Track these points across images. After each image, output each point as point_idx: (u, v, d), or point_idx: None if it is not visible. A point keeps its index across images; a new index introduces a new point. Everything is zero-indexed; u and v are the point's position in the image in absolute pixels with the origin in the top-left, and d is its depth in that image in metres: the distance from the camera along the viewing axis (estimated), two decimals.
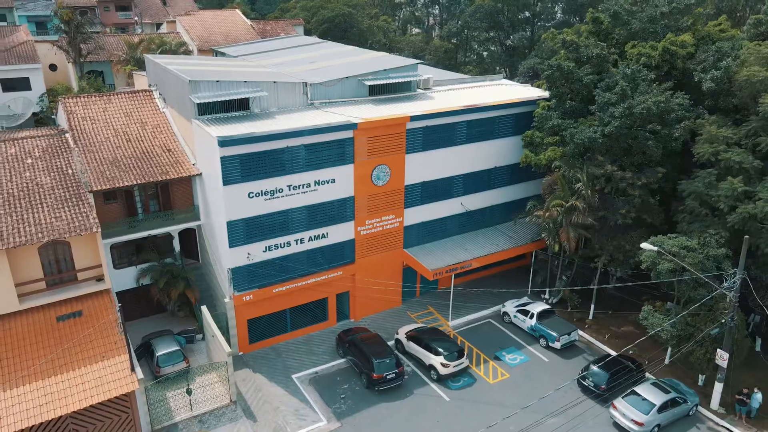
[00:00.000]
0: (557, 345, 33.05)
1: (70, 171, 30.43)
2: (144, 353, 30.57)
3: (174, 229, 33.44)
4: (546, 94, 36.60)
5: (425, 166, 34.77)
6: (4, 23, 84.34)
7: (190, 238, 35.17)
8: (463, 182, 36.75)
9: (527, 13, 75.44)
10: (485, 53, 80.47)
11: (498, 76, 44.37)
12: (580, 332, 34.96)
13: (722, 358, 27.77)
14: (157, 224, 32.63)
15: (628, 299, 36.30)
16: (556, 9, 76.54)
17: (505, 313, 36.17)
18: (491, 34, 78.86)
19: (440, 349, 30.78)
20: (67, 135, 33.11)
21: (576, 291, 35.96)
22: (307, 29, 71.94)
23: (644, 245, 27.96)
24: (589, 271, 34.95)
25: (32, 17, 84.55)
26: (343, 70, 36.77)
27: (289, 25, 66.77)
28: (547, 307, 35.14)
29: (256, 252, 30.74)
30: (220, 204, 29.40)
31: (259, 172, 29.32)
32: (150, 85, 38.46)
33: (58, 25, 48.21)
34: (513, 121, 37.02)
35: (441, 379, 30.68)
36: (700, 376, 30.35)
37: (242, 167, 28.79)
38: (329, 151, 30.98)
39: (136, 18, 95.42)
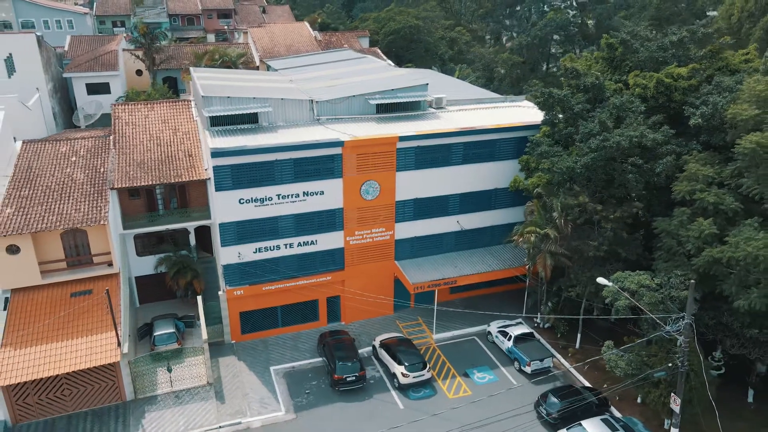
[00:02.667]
0: (528, 369, 33.39)
1: (102, 170, 35.62)
2: (147, 332, 35.05)
3: (189, 225, 37.68)
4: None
5: (418, 183, 36.32)
6: (123, 29, 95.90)
7: (206, 234, 39.43)
8: (460, 201, 37.82)
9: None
10: (554, 68, 79.15)
11: (521, 98, 44.51)
12: (563, 360, 34.95)
13: (675, 402, 27.04)
14: (173, 220, 37.05)
15: (618, 331, 35.57)
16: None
17: (489, 333, 36.88)
18: (562, 48, 77.47)
19: (403, 360, 32.42)
20: (110, 137, 38.52)
21: (565, 319, 35.86)
22: (374, 41, 74.96)
23: (600, 279, 27.88)
24: (578, 300, 34.79)
25: (145, 24, 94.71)
26: (352, 89, 39.22)
27: (353, 37, 70.16)
28: (526, 330, 35.47)
29: (247, 252, 34.11)
30: (215, 207, 33.08)
31: (249, 181, 32.63)
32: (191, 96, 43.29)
33: (136, 38, 54.93)
34: (514, 144, 37.47)
35: (402, 388, 32.33)
36: (666, 419, 29.55)
37: (233, 176, 32.24)
38: (318, 165, 33.63)
39: (234, 25, 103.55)
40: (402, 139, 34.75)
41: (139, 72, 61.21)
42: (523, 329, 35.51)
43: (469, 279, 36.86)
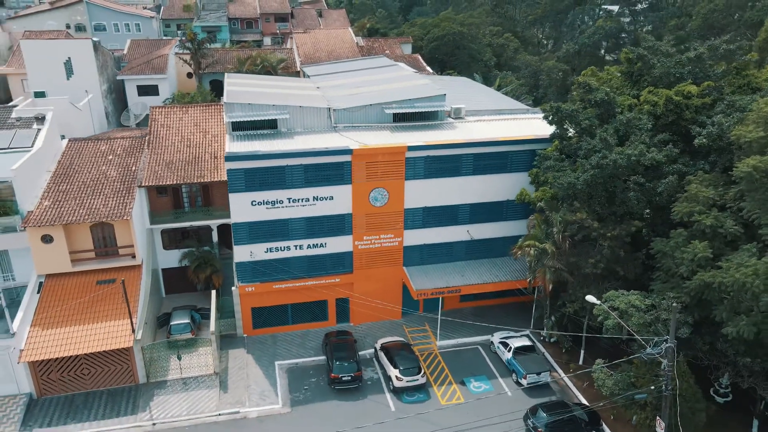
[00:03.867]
0: (524, 382, 33.53)
1: (133, 168, 38.47)
2: (166, 321, 37.58)
3: (212, 223, 40.04)
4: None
5: (428, 192, 37.06)
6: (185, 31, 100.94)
7: (228, 232, 41.57)
8: (470, 211, 38.27)
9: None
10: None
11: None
12: (563, 375, 34.86)
13: (660, 426, 26.68)
14: (197, 217, 39.53)
15: (624, 349, 35.04)
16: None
17: (492, 343, 37.18)
18: (612, 57, 75.66)
19: (399, 363, 33.35)
20: (146, 138, 41.43)
21: (568, 334, 35.70)
22: (418, 47, 75.82)
23: (588, 297, 27.86)
24: (574, 317, 34.60)
25: (205, 27, 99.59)
26: (371, 97, 40.41)
27: (396, 43, 71.33)
28: (527, 343, 35.56)
29: (259, 251, 35.97)
30: (230, 208, 35.15)
31: (261, 184, 34.44)
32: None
33: (184, 42, 58.29)
34: (526, 157, 37.52)
35: (397, 391, 33.25)
36: None
37: (246, 179, 34.14)
38: (327, 171, 35.03)
39: (291, 29, 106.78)
40: (411, 148, 35.63)
41: (189, 75, 64.77)
42: (524, 342, 35.62)
43: (472, 289, 37.28)
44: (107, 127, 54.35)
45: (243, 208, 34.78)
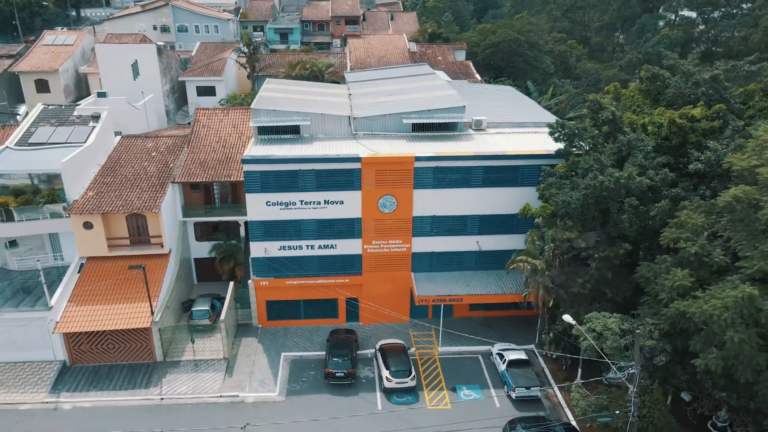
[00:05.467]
0: (513, 395, 33.92)
1: (171, 165, 42.14)
2: (189, 306, 40.97)
3: (240, 219, 43.02)
4: None
5: (437, 202, 38.03)
6: (261, 33, 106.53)
7: None
8: (480, 222, 38.85)
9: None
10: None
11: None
12: (557, 392, 34.89)
13: None
14: (225, 213, 42.67)
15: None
16: None
17: (491, 353, 37.68)
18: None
19: (391, 365, 34.75)
20: (188, 137, 45.11)
21: (566, 350, 35.57)
22: (473, 53, 75.94)
23: (565, 317, 28.04)
24: (561, 335, 34.48)
25: (278, 29, 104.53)
26: (394, 106, 41.84)
27: (449, 50, 72.00)
28: (523, 356, 35.79)
29: (272, 249, 38.46)
30: (247, 207, 37.85)
31: (275, 186, 36.81)
32: None
33: (241, 48, 62.14)
34: (539, 171, 37.45)
35: (387, 391, 34.66)
36: None
37: (262, 181, 36.65)
38: (338, 177, 36.89)
39: (360, 31, 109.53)
40: (419, 159, 36.78)
41: (249, 76, 68.85)
42: (519, 355, 35.88)
43: (474, 299, 37.97)
44: (167, 124, 59.16)
45: (258, 207, 37.35)
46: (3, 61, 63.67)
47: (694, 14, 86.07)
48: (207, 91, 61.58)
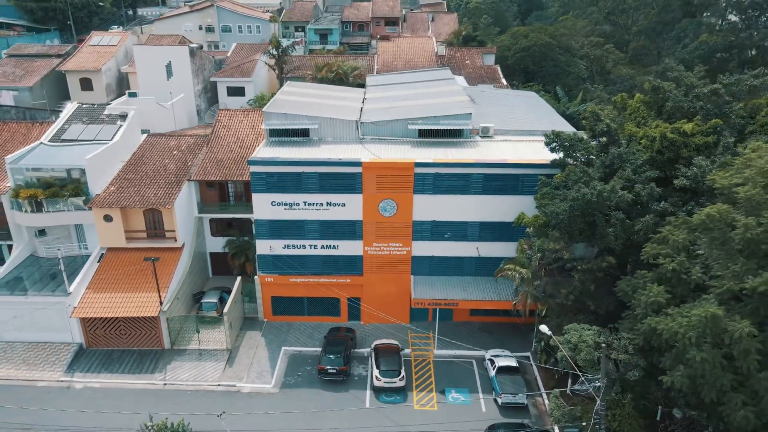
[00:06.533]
0: (499, 401, 34.38)
1: (189, 163, 44.40)
2: (200, 298, 43.14)
3: (252, 216, 44.69)
4: None
5: (437, 207, 38.74)
6: (302, 33, 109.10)
7: None
8: (479, 229, 39.30)
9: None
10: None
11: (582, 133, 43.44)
12: (546, 400, 35.08)
13: None
14: (239, 210, 44.55)
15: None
16: None
17: (484, 358, 38.16)
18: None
19: (381, 365, 35.78)
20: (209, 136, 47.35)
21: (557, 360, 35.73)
22: (504, 57, 75.70)
23: (542, 327, 28.38)
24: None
25: (318, 30, 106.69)
26: (402, 112, 42.74)
27: (477, 53, 72.10)
28: (513, 363, 36.11)
29: (277, 247, 40.10)
30: (253, 206, 39.60)
31: (280, 187, 38.40)
32: None
33: (270, 50, 64.25)
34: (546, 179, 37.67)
35: (377, 390, 35.71)
36: None
37: (267, 181, 38.32)
38: (339, 180, 38.13)
39: (399, 33, 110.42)
40: (418, 165, 37.58)
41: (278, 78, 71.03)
42: (510, 362, 36.21)
43: (469, 304, 38.56)
44: (198, 122, 61.87)
45: (264, 207, 39.04)
46: (52, 60, 68.05)
47: (737, 19, 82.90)
48: (237, 91, 64.01)
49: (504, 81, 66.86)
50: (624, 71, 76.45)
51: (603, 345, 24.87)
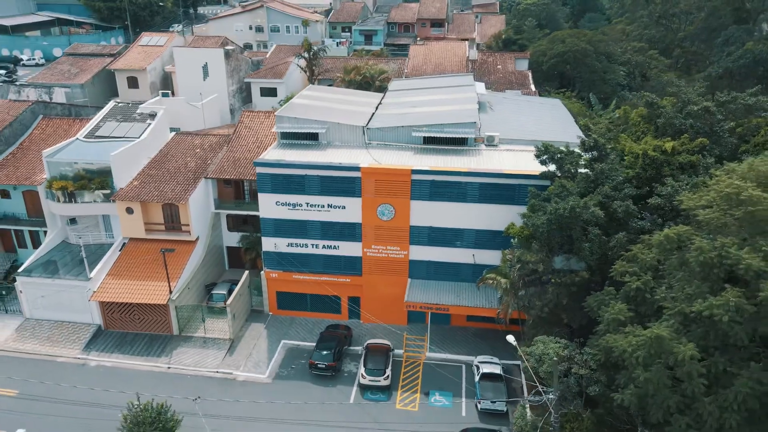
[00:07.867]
0: (478, 406, 35.10)
1: (209, 162, 47.12)
2: (211, 289, 45.80)
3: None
4: None
5: (433, 213, 39.68)
6: (348, 34, 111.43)
7: None
8: (476, 237, 39.97)
9: None
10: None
11: None
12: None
13: None
14: (253, 208, 46.73)
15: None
16: None
17: (472, 364, 38.87)
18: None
19: (368, 363, 37.20)
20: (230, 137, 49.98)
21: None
22: (539, 62, 75.02)
23: (509, 337, 29.00)
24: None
25: (363, 30, 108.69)
26: (408, 119, 43.83)
27: (510, 58, 71.85)
28: (497, 371, 36.66)
29: (281, 245, 42.14)
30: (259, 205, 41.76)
31: (284, 188, 40.38)
32: None
33: (302, 53, 66.47)
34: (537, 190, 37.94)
35: (363, 387, 37.16)
36: None
37: (272, 183, 40.38)
38: (340, 184, 39.72)
39: (445, 34, 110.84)
40: (415, 172, 38.64)
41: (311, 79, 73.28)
42: (494, 369, 36.78)
43: (459, 309, 39.48)
44: (231, 121, 64.94)
45: (269, 206, 41.13)
46: (105, 59, 72.93)
47: None
48: (269, 92, 66.71)
49: (533, 87, 66.43)
50: (665, 78, 74.12)
51: (556, 359, 25.30)
